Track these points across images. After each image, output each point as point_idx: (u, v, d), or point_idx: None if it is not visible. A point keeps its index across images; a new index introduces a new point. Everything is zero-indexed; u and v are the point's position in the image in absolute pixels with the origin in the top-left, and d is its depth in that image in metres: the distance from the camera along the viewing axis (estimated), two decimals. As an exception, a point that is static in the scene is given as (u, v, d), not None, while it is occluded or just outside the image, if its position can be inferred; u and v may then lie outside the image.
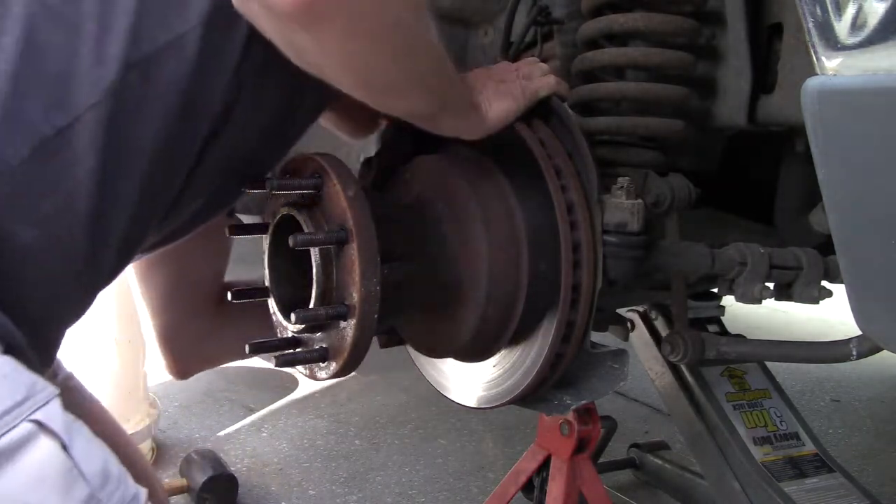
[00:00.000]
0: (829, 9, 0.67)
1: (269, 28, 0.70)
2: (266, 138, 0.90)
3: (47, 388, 0.70)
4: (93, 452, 0.72)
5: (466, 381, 1.11)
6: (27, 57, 0.70)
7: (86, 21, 0.71)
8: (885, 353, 0.88)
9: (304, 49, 0.72)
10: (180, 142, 0.79)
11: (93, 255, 0.77)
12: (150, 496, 1.02)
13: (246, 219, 1.72)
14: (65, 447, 0.70)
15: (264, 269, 0.97)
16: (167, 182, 0.81)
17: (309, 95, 0.90)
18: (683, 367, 1.40)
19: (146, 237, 0.85)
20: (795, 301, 1.06)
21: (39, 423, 0.68)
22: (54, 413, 0.70)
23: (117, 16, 0.72)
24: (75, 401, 1.01)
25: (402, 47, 0.76)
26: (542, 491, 1.32)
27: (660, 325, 1.47)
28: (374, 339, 0.94)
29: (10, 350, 0.70)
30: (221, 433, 2.28)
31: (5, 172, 0.69)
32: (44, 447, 0.68)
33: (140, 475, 1.03)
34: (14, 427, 0.66)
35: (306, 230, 0.87)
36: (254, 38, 0.76)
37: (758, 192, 1.40)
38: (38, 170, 0.70)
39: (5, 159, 0.68)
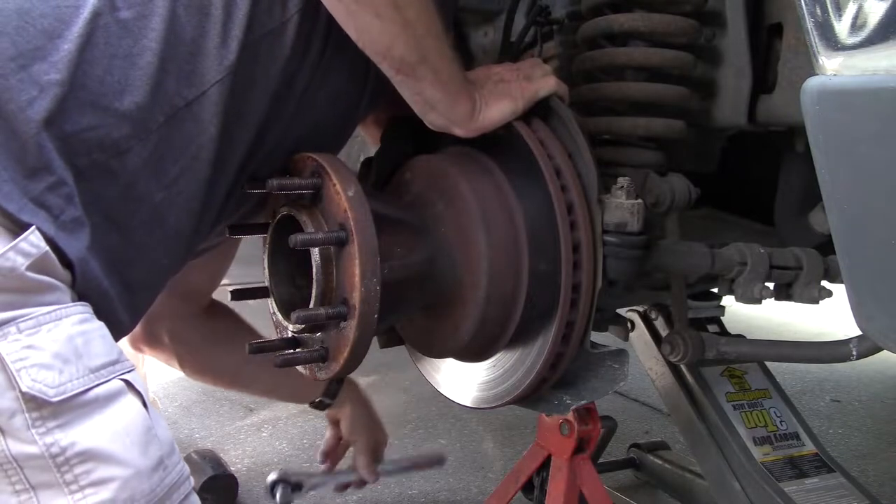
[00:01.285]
0: (829, 9, 0.67)
1: None
2: (334, 125, 1.00)
3: (129, 359, 0.79)
4: (162, 424, 0.80)
5: (466, 381, 1.11)
6: (168, 37, 0.80)
7: (214, 7, 0.82)
8: (885, 353, 0.88)
9: None
10: (275, 119, 0.89)
11: (199, 220, 0.87)
12: None
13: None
14: (147, 408, 0.78)
15: (264, 269, 0.97)
16: (263, 158, 0.91)
17: (368, 93, 0.99)
18: (683, 367, 1.40)
19: (231, 214, 0.95)
20: (795, 301, 1.05)
21: (129, 383, 0.78)
22: (138, 379, 0.79)
23: (238, 4, 0.83)
24: None
25: (412, 9, 0.82)
26: (542, 491, 1.32)
27: (660, 325, 1.47)
28: (374, 339, 0.94)
29: (100, 313, 0.79)
30: (221, 433, 2.28)
31: (146, 138, 0.79)
32: (132, 404, 0.77)
33: None
34: (108, 381, 0.75)
35: (306, 230, 0.87)
36: (332, 24, 0.85)
37: (758, 192, 1.40)
38: (170, 135, 0.81)
39: (148, 126, 0.79)
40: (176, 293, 1.13)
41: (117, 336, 0.82)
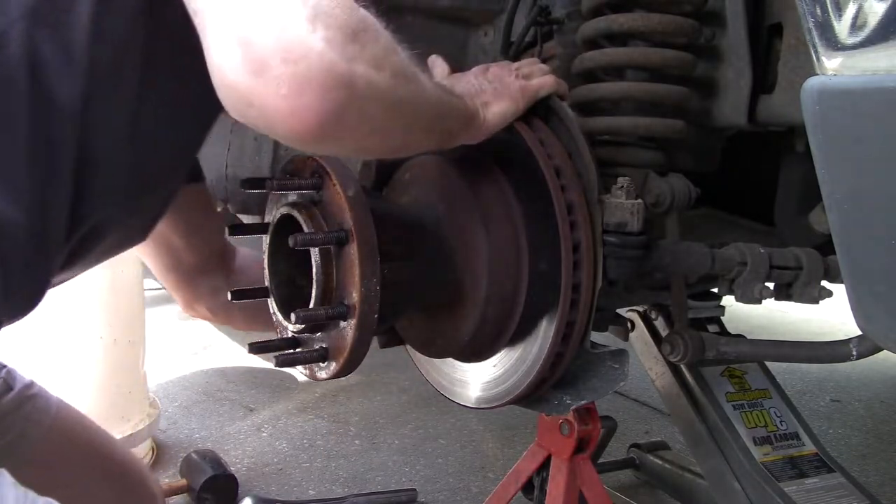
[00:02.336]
0: (829, 9, 0.67)
1: (270, 134, 0.70)
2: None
3: None
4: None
5: (466, 381, 1.11)
6: None
7: None
8: (885, 353, 0.88)
9: (315, 149, 0.74)
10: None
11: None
12: (143, 486, 1.02)
13: (246, 219, 1.72)
14: None
15: (264, 269, 0.97)
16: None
17: None
18: (683, 367, 1.40)
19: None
20: (795, 301, 1.05)
21: None
22: None
23: None
24: (39, 407, 0.99)
25: (407, 121, 0.76)
26: (542, 491, 1.32)
27: (660, 325, 1.47)
28: (374, 339, 0.94)
29: None
30: (221, 433, 2.28)
31: None
32: None
33: (124, 471, 1.03)
34: None
35: (306, 230, 0.87)
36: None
37: (758, 192, 1.40)
38: None
39: None
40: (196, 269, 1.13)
41: None
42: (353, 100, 0.64)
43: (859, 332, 0.81)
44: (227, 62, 0.62)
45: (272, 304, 0.96)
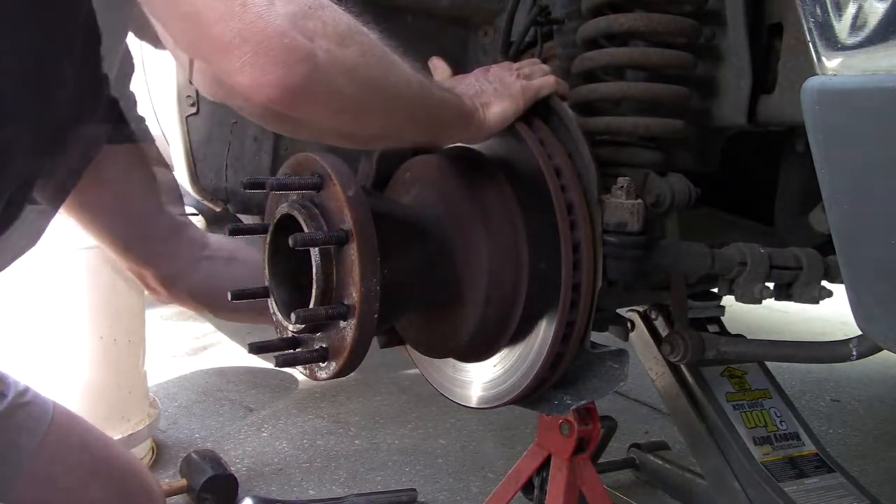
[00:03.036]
0: (829, 9, 0.67)
1: (246, 113, 0.71)
2: None
3: None
4: None
5: (466, 381, 1.11)
6: None
7: None
8: (885, 353, 0.88)
9: (288, 129, 0.74)
10: None
11: None
12: (144, 491, 1.01)
13: (246, 219, 1.72)
14: None
15: (264, 269, 0.96)
16: None
17: None
18: (683, 367, 1.40)
19: None
20: (795, 301, 1.05)
21: None
22: None
23: None
24: (34, 414, 0.99)
25: (383, 104, 0.77)
26: (542, 491, 1.32)
27: (660, 325, 1.47)
28: (375, 338, 0.94)
29: None
30: (221, 433, 2.28)
31: None
32: None
33: (124, 476, 1.03)
34: None
35: (306, 230, 0.87)
36: None
37: (758, 192, 1.40)
38: None
39: None
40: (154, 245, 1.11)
41: None
42: (317, 73, 0.66)
43: (859, 332, 0.81)
44: (194, 44, 0.65)
45: (272, 303, 0.96)
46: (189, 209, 1.37)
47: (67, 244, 1.82)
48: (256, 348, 0.92)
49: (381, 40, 0.75)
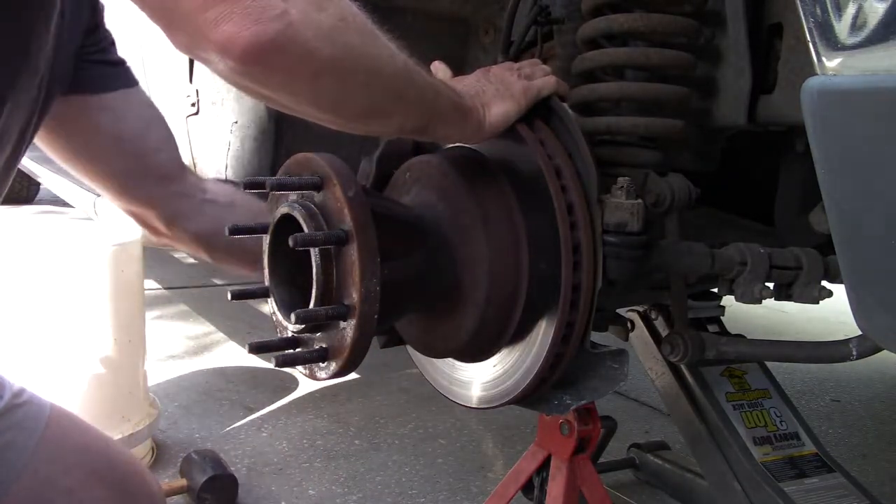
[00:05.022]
0: (829, 9, 0.67)
1: (224, 75, 0.71)
2: None
3: None
4: None
5: (466, 381, 1.11)
6: None
7: None
8: (885, 353, 0.88)
9: (269, 95, 0.74)
10: None
11: None
12: (144, 491, 1.01)
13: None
14: None
15: (264, 268, 0.96)
16: None
17: None
18: (683, 367, 1.40)
19: None
20: (795, 301, 1.05)
21: None
22: None
23: None
24: (31, 414, 0.99)
25: (365, 73, 0.76)
26: (542, 491, 1.32)
27: (660, 325, 1.47)
28: (374, 339, 0.94)
29: None
30: (221, 433, 2.28)
31: None
32: None
33: (124, 476, 1.02)
34: None
35: (306, 230, 0.87)
36: None
37: (758, 192, 1.40)
38: None
39: None
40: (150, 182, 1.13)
41: None
42: (291, 30, 0.66)
43: (859, 332, 0.81)
44: (166, 6, 0.65)
45: (272, 303, 0.97)
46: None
47: (67, 244, 1.82)
48: (256, 348, 0.92)
49: (367, 18, 0.75)
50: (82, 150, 1.10)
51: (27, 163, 3.89)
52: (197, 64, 1.94)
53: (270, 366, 1.13)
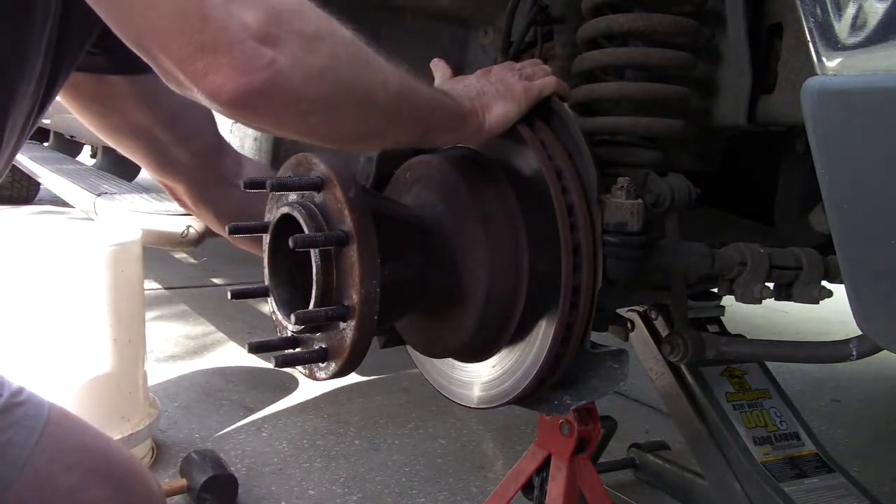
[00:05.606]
0: (829, 9, 0.67)
1: (213, 110, 0.72)
2: None
3: None
4: None
5: (466, 382, 1.11)
6: None
7: None
8: (885, 353, 0.88)
9: (261, 128, 0.75)
10: None
11: None
12: (144, 490, 1.01)
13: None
14: None
15: (264, 268, 0.96)
16: None
17: None
18: (683, 367, 1.40)
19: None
20: (795, 301, 1.05)
21: None
22: None
23: None
24: (30, 413, 0.99)
25: (356, 105, 0.76)
26: (542, 491, 1.32)
27: (660, 325, 1.47)
28: (374, 339, 0.94)
29: None
30: (221, 433, 2.28)
31: None
32: None
33: (124, 475, 1.02)
34: None
35: (306, 231, 0.87)
36: None
37: (758, 192, 1.40)
38: None
39: None
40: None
41: None
42: (280, 78, 0.66)
43: (859, 332, 0.81)
44: (153, 56, 0.65)
45: (272, 303, 0.96)
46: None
47: (67, 244, 1.82)
48: (256, 348, 0.92)
49: (358, 40, 0.75)
50: (118, 128, 1.11)
51: (27, 163, 3.89)
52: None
53: (270, 366, 1.13)
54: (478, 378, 1.09)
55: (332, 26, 0.72)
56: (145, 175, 1.37)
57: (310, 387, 2.68)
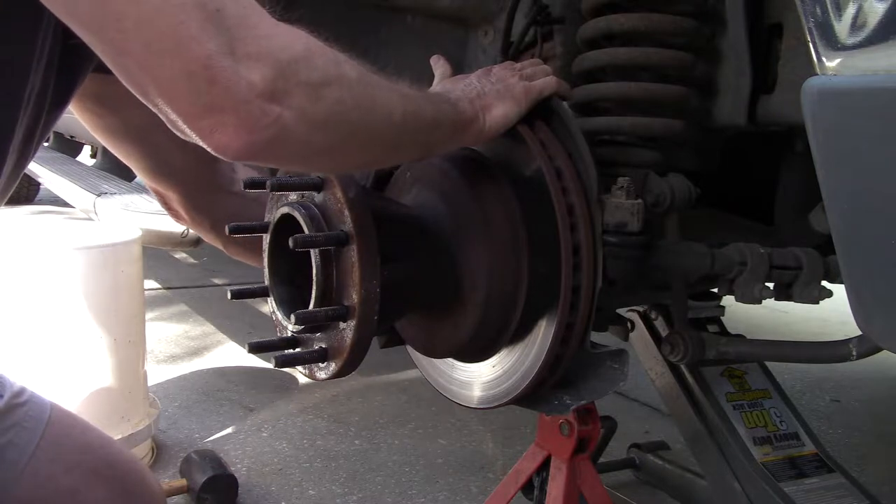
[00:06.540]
0: (829, 9, 0.67)
1: None
2: None
3: None
4: None
5: (466, 382, 1.11)
6: None
7: None
8: (885, 353, 0.88)
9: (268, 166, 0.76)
10: None
11: None
12: (144, 491, 1.01)
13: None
14: None
15: (264, 268, 0.97)
16: None
17: None
18: (683, 367, 1.40)
19: None
20: (795, 301, 1.06)
21: None
22: None
23: None
24: (32, 414, 0.99)
25: (360, 144, 0.77)
26: (542, 491, 1.32)
27: (660, 325, 1.47)
28: (375, 339, 0.94)
29: None
30: (221, 433, 2.28)
31: None
32: None
33: (125, 475, 1.03)
34: None
35: (306, 231, 0.87)
36: None
37: (758, 192, 1.40)
38: None
39: None
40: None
41: None
42: (286, 133, 0.67)
43: (859, 332, 0.80)
44: (160, 110, 0.66)
45: (272, 303, 0.96)
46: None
47: (67, 245, 1.82)
48: (256, 348, 0.92)
49: (364, 75, 0.75)
50: (116, 129, 1.10)
51: (27, 163, 3.88)
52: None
53: (270, 366, 1.13)
54: (478, 378, 1.09)
55: (340, 70, 0.72)
56: (145, 175, 1.37)
57: (310, 387, 2.68)
